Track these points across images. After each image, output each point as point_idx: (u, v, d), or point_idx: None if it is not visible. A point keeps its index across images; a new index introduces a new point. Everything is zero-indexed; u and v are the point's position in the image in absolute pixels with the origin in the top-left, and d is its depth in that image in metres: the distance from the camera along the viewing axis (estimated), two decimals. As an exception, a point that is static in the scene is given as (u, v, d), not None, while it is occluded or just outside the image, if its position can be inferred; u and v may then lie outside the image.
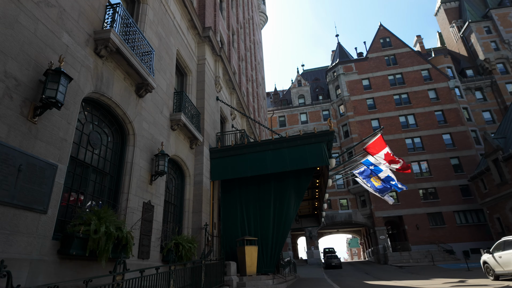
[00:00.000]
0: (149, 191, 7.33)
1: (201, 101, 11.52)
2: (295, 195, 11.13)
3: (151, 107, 7.96)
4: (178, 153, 9.38)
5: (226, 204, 11.52)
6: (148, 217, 7.07)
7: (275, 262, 10.62)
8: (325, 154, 10.53)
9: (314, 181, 15.85)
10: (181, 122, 8.99)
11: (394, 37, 45.35)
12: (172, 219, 9.11)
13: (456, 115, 38.57)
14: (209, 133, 11.62)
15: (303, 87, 48.45)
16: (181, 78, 11.41)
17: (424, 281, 15.14)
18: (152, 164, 7.54)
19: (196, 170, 10.44)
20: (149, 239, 7.01)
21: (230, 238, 10.95)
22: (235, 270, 9.25)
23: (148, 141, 7.57)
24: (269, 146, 11.11)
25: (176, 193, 9.56)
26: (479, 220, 33.59)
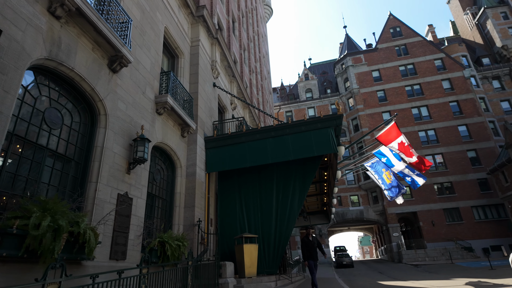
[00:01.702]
0: (126, 181, 6.31)
1: (195, 86, 10.47)
2: (300, 188, 9.98)
3: (130, 86, 6.94)
4: (166, 140, 8.35)
5: (223, 198, 10.46)
6: (125, 211, 6.05)
7: (278, 261, 9.51)
8: (333, 141, 9.35)
9: (321, 174, 14.65)
10: (168, 105, 7.96)
11: (405, 26, 43.52)
12: (160, 214, 8.10)
13: (472, 106, 36.65)
14: (204, 121, 10.58)
15: (311, 81, 47.05)
16: (172, 60, 10.39)
17: (445, 282, 13.79)
18: (130, 151, 6.53)
19: (189, 160, 9.41)
20: (125, 237, 6.00)
21: (228, 236, 9.89)
22: (232, 272, 8.19)
23: (126, 124, 6.56)
24: (270, 134, 9.99)
25: (165, 185, 8.54)
26: (499, 215, 31.73)
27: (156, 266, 6.44)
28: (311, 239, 9.48)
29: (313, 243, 9.44)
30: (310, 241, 9.44)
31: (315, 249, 9.39)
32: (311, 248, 9.35)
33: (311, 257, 9.34)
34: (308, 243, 9.43)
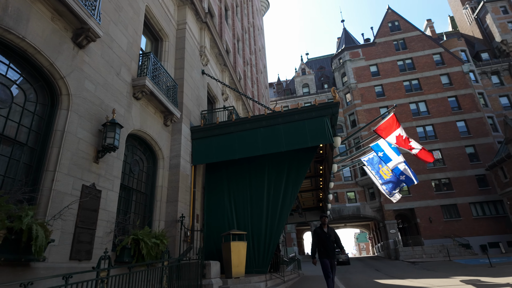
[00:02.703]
0: (93, 171, 5.58)
1: (180, 71, 9.72)
2: (293, 181, 9.30)
3: (101, 65, 6.19)
4: (146, 128, 7.61)
5: (210, 192, 9.76)
6: (91, 204, 5.33)
7: (268, 260, 8.84)
8: (329, 131, 8.65)
9: (317, 168, 13.99)
10: (146, 89, 7.21)
11: (403, 20, 42.82)
12: (138, 210, 7.38)
13: (471, 101, 36.11)
14: (191, 110, 9.83)
15: (308, 76, 46.31)
16: (156, 43, 9.62)
17: (444, 280, 13.22)
18: (100, 137, 5.79)
19: (172, 151, 8.68)
20: (91, 234, 5.28)
21: (216, 233, 9.20)
22: (217, 272, 7.51)
23: (94, 106, 5.81)
24: (261, 123, 9.27)
25: (144, 178, 7.81)
26: (497, 212, 31.32)
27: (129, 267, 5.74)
28: (327, 230, 7.10)
29: (329, 235, 7.05)
30: (324, 233, 7.07)
31: (331, 243, 7.03)
32: (327, 242, 6.99)
33: (326, 255, 6.95)
34: (322, 235, 7.10)
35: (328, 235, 7.08)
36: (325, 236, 7.05)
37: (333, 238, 7.09)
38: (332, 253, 6.97)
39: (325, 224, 7.18)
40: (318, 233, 7.14)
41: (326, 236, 7.05)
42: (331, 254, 6.98)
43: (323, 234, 7.09)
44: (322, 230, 7.12)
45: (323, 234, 7.09)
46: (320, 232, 7.14)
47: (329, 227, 7.15)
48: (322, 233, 7.11)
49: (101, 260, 3.87)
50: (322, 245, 7.03)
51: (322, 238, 7.07)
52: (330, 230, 7.13)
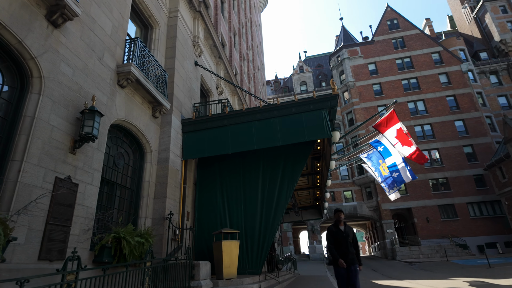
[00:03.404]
0: (69, 162, 5.07)
1: (171, 61, 9.21)
2: (289, 177, 8.84)
3: (81, 48, 5.67)
4: (131, 119, 7.10)
5: (202, 189, 9.28)
6: (65, 199, 4.83)
7: (262, 260, 8.39)
8: (327, 124, 8.19)
9: (314, 164, 13.55)
10: (132, 76, 6.70)
11: (402, 19, 42.47)
12: (122, 206, 6.88)
13: (469, 100, 35.85)
14: (182, 102, 9.33)
15: (305, 73, 45.87)
16: (145, 31, 9.10)
17: (444, 282, 12.86)
18: (77, 126, 5.28)
19: (161, 145, 8.18)
20: (66, 232, 4.78)
21: (207, 231, 8.73)
22: (207, 272, 7.03)
23: (72, 92, 5.30)
24: (256, 116, 8.79)
25: (130, 172, 7.31)
26: (494, 212, 31.10)
27: (113, 267, 5.25)
28: (344, 229, 5.64)
29: (347, 235, 5.57)
30: (341, 232, 5.60)
31: (350, 246, 5.52)
32: (344, 245, 5.51)
33: (343, 256, 5.46)
34: (338, 235, 5.59)
35: (346, 234, 5.55)
36: (342, 236, 5.52)
37: (351, 238, 5.59)
38: (350, 258, 5.42)
39: (341, 220, 5.68)
40: (334, 233, 5.64)
41: (343, 236, 5.51)
42: (349, 259, 5.42)
43: (340, 234, 5.56)
44: (338, 228, 5.64)
45: (340, 233, 5.57)
46: (335, 231, 5.63)
47: (347, 225, 5.70)
48: (338, 233, 5.59)
49: (68, 261, 3.39)
50: (338, 247, 5.54)
51: (339, 238, 5.56)
52: (348, 229, 5.65)
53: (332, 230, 5.73)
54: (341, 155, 22.29)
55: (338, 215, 5.73)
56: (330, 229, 5.77)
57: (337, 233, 5.62)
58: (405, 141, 11.18)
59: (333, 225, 5.80)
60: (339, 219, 5.71)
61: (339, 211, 5.74)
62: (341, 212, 5.75)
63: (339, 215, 5.71)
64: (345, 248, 5.48)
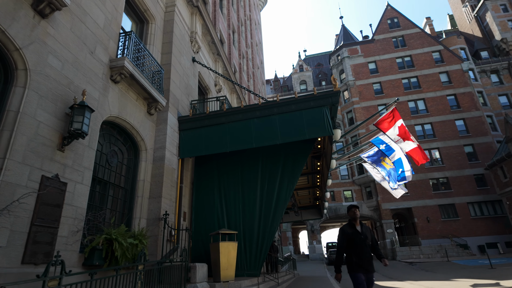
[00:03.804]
0: (57, 160, 4.81)
1: (167, 56, 8.94)
2: (288, 176, 8.58)
3: (71, 40, 5.41)
4: (125, 116, 6.84)
5: (199, 188, 9.02)
6: (53, 198, 4.57)
7: (261, 261, 8.13)
8: (328, 122, 7.94)
9: (314, 164, 13.29)
10: (126, 71, 6.44)
11: (403, 17, 42.23)
12: (115, 206, 6.62)
13: (470, 100, 35.63)
14: (179, 99, 9.07)
15: (305, 72, 45.61)
16: (141, 25, 8.83)
17: (447, 283, 12.62)
18: (66, 122, 5.02)
19: (157, 143, 7.92)
20: (53, 233, 4.52)
21: (204, 233, 8.46)
22: (204, 275, 6.78)
23: (60, 86, 5.03)
24: (254, 113, 8.53)
25: (124, 171, 7.05)
26: (495, 212, 30.89)
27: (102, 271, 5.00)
28: (360, 229, 4.74)
29: (364, 237, 4.67)
30: (358, 233, 4.69)
31: (368, 249, 4.66)
32: (361, 248, 4.61)
33: (360, 266, 4.52)
34: (354, 237, 4.67)
35: (364, 236, 4.65)
36: (359, 238, 4.61)
37: (370, 239, 4.72)
38: (369, 264, 4.56)
39: (357, 218, 4.78)
40: (349, 234, 4.67)
41: (361, 238, 4.61)
42: (368, 265, 4.54)
43: (357, 235, 4.64)
44: (354, 228, 4.71)
45: (356, 235, 4.64)
46: (351, 233, 4.68)
47: (363, 225, 4.82)
48: (354, 234, 4.65)
49: (51, 266, 3.13)
50: (354, 251, 4.58)
51: (356, 241, 4.61)
52: (365, 230, 4.74)
53: (346, 231, 4.70)
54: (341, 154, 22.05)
55: (353, 212, 4.78)
56: (344, 231, 4.74)
57: (354, 235, 4.64)
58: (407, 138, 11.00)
59: (347, 225, 4.82)
60: (354, 217, 4.77)
61: (354, 207, 4.81)
62: (357, 208, 4.82)
63: (355, 211, 4.77)
64: (364, 253, 4.54)
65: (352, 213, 4.78)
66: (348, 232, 4.70)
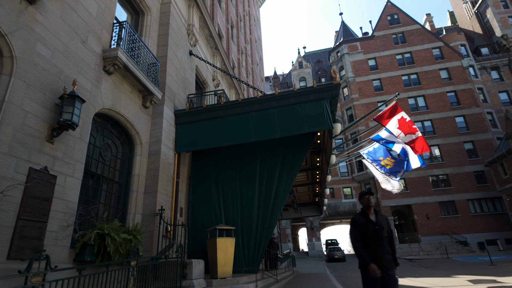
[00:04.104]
0: (47, 152, 4.63)
1: (163, 49, 8.73)
2: (287, 171, 8.41)
3: (61, 28, 5.20)
4: (119, 108, 6.65)
5: (196, 183, 8.85)
6: (41, 192, 4.38)
7: (259, 258, 7.97)
8: (328, 116, 7.75)
9: (314, 159, 13.12)
10: (119, 62, 6.24)
11: (403, 14, 41.95)
12: (109, 201, 6.44)
13: (470, 96, 35.45)
14: (175, 92, 8.87)
15: (305, 69, 45.36)
16: (136, 17, 8.62)
17: (447, 280, 12.49)
18: (56, 113, 4.83)
19: (153, 137, 7.73)
20: (41, 228, 4.34)
21: (201, 228, 8.31)
22: (200, 271, 6.62)
23: (50, 76, 4.84)
24: (253, 107, 8.34)
25: (118, 165, 6.86)
26: (495, 209, 30.81)
27: (94, 266, 4.83)
28: (375, 219, 4.03)
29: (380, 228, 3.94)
30: (372, 223, 3.98)
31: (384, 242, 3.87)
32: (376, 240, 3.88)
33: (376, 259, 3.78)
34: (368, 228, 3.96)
35: (379, 227, 3.90)
36: (374, 230, 3.88)
37: (386, 231, 3.96)
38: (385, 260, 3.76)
39: (371, 207, 4.07)
40: (362, 224, 3.96)
41: (376, 230, 3.87)
42: (385, 262, 3.75)
43: (371, 226, 3.91)
44: (368, 218, 3.99)
45: (371, 226, 3.91)
46: (364, 223, 3.96)
47: (379, 213, 4.08)
48: (368, 225, 3.93)
49: (34, 261, 2.95)
50: (368, 244, 3.87)
51: (369, 232, 3.89)
52: (381, 219, 4.00)
53: (359, 221, 3.99)
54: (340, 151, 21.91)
55: (367, 199, 4.07)
56: (356, 221, 4.04)
57: (367, 225, 3.92)
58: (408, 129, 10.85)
59: (360, 214, 4.13)
60: (368, 205, 4.05)
61: (367, 193, 4.10)
62: (371, 195, 4.10)
63: (368, 198, 4.05)
64: (379, 247, 3.78)
65: (365, 200, 4.09)
66: (360, 222, 3.97)
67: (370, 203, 4.06)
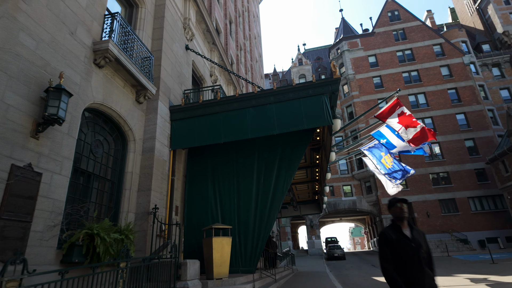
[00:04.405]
0: (31, 148, 4.39)
1: (158, 42, 8.47)
2: (286, 168, 8.17)
3: (47, 18, 4.95)
4: (111, 103, 6.40)
5: (192, 181, 8.61)
6: (25, 190, 4.15)
7: (257, 257, 7.76)
8: (327, 111, 7.51)
9: (313, 156, 12.89)
10: (111, 55, 5.99)
11: (403, 10, 41.58)
12: (101, 199, 6.21)
13: (471, 93, 35.17)
14: (170, 87, 8.62)
15: (305, 66, 45.04)
16: (130, 10, 8.35)
17: (448, 279, 12.30)
18: (41, 107, 4.59)
19: (147, 133, 7.49)
20: (25, 228, 4.11)
21: (197, 227, 8.08)
22: (195, 272, 6.41)
23: (35, 68, 4.59)
24: (250, 102, 8.10)
25: (111, 162, 6.63)
26: (496, 206, 30.62)
27: (83, 268, 4.61)
28: (410, 234, 3.04)
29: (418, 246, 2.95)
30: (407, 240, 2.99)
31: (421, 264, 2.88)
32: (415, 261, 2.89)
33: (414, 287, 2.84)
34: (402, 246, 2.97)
35: (416, 244, 2.96)
36: (409, 248, 2.94)
37: (425, 251, 2.97)
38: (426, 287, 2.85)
39: (404, 218, 3.09)
40: (393, 241, 3.00)
41: (413, 248, 2.93)
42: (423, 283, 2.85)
43: (405, 243, 2.97)
44: (401, 233, 3.04)
45: (405, 242, 2.98)
46: (396, 239, 3.01)
47: (414, 227, 3.11)
48: (402, 241, 2.99)
49: (9, 264, 2.72)
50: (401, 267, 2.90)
51: (403, 252, 2.94)
52: (417, 234, 3.05)
53: (389, 237, 3.01)
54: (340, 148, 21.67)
55: (399, 208, 3.06)
56: (385, 237, 3.04)
57: (401, 242, 2.96)
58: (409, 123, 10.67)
59: (390, 227, 3.12)
60: (401, 216, 3.06)
61: (400, 201, 3.10)
62: (404, 203, 3.09)
63: (402, 208, 3.06)
64: (417, 271, 2.84)
65: (398, 210, 3.07)
66: (391, 238, 2.99)
67: (404, 214, 3.05)
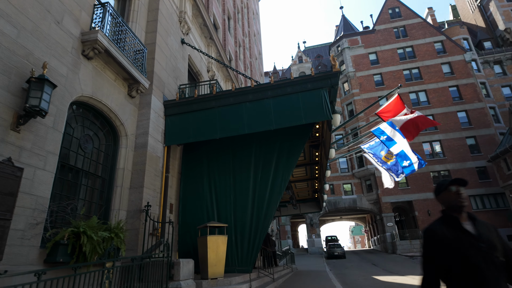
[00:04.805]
0: (11, 142, 4.15)
1: (152, 35, 8.21)
2: (284, 165, 7.93)
3: (29, 4, 4.70)
4: (101, 97, 6.15)
5: (188, 177, 8.38)
6: (3, 186, 3.91)
7: (254, 257, 7.53)
8: (327, 106, 7.26)
9: (312, 153, 12.65)
10: (100, 46, 5.73)
11: (404, 7, 41.20)
12: (90, 196, 5.97)
13: (472, 91, 34.83)
14: (164, 81, 8.37)
15: (305, 64, 44.73)
16: (123, 1, 8.08)
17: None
18: (23, 98, 4.34)
19: (139, 128, 7.24)
20: (4, 227, 3.87)
21: (192, 226, 7.85)
22: (189, 272, 6.17)
23: (15, 57, 4.34)
24: (247, 97, 7.84)
25: (101, 159, 6.38)
26: (497, 205, 30.34)
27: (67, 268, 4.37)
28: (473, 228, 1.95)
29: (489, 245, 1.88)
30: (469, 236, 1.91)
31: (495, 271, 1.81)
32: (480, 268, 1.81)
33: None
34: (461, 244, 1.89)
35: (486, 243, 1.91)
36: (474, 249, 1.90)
37: (503, 255, 1.92)
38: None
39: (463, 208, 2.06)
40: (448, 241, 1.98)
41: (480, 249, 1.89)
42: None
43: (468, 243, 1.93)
44: (460, 228, 2.00)
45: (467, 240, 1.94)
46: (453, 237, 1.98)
47: (478, 220, 2.05)
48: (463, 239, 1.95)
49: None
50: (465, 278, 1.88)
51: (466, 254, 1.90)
52: (485, 229, 1.99)
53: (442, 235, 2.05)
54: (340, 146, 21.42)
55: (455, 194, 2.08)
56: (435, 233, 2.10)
57: (461, 241, 1.96)
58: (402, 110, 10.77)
59: (440, 221, 2.16)
60: (459, 204, 2.07)
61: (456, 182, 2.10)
62: (461, 186, 2.09)
63: (458, 192, 2.07)
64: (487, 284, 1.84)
65: (453, 196, 2.09)
66: (445, 237, 2.02)
67: (463, 201, 2.06)
